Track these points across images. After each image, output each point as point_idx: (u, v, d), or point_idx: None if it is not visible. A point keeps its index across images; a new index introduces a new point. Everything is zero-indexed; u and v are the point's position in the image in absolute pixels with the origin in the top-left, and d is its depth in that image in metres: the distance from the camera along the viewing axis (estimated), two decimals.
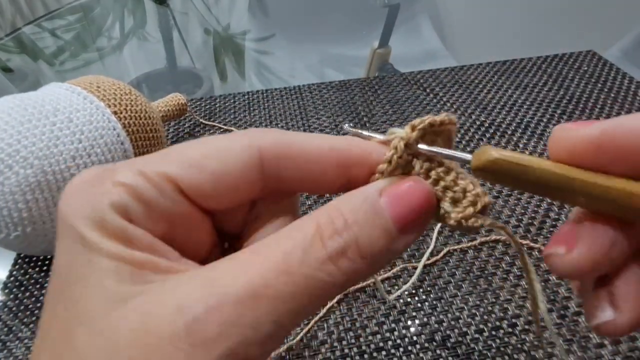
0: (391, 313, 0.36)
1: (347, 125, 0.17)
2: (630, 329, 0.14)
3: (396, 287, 0.37)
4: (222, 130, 0.57)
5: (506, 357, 0.32)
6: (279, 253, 0.13)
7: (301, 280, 0.12)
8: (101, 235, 0.13)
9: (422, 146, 0.15)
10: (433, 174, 0.15)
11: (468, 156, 0.15)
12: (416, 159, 0.16)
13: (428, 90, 0.62)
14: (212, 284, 0.12)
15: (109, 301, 0.12)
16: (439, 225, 0.41)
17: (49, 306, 0.14)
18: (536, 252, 0.39)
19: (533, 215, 0.43)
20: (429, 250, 0.39)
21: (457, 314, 0.35)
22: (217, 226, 0.17)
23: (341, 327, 0.35)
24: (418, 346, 0.34)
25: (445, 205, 0.15)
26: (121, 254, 0.13)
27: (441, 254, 0.39)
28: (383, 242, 0.13)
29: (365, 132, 0.17)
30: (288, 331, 0.13)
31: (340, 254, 0.13)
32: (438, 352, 0.33)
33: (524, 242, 0.40)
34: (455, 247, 0.40)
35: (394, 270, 0.38)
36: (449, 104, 0.59)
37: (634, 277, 0.14)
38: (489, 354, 0.33)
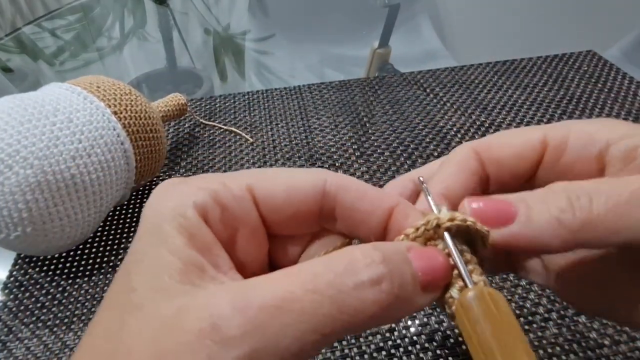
0: None
1: (421, 179, 0.19)
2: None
3: None
4: (222, 130, 0.57)
5: None
6: (310, 273, 0.13)
7: (327, 300, 0.13)
8: (176, 229, 0.15)
9: (447, 238, 0.16)
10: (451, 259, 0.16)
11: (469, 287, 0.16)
12: (440, 240, 0.17)
13: (428, 90, 0.62)
14: (243, 290, 0.13)
15: (158, 296, 0.14)
16: None
17: (117, 288, 0.15)
18: None
19: None
20: None
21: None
22: (272, 257, 0.18)
23: None
24: (418, 346, 0.34)
25: (454, 291, 0.16)
26: (181, 251, 0.14)
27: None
28: (412, 287, 0.14)
29: (429, 199, 0.18)
30: (308, 354, 0.13)
31: (377, 282, 0.13)
32: (438, 352, 0.33)
33: None
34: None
35: None
36: (449, 104, 0.59)
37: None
38: None
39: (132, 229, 0.45)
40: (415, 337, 0.34)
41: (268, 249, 0.18)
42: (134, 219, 0.46)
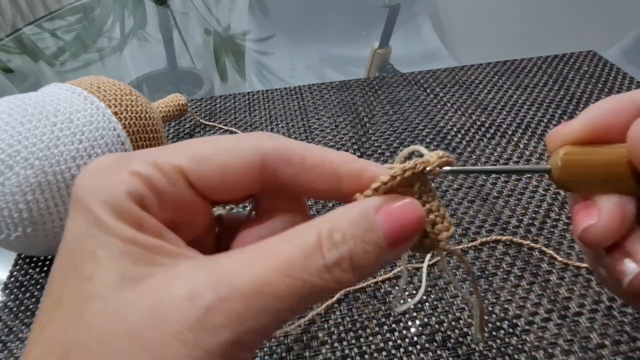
0: (391, 313, 0.36)
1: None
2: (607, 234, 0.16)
3: (397, 288, 0.37)
4: (222, 130, 0.57)
5: (507, 358, 0.32)
6: (284, 256, 0.14)
7: (300, 283, 0.14)
8: (117, 219, 0.14)
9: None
10: (424, 197, 0.17)
11: (546, 166, 0.17)
12: (417, 182, 0.17)
13: (428, 91, 0.62)
14: (222, 275, 0.14)
15: (122, 280, 0.14)
16: None
17: (56, 281, 0.15)
18: (536, 253, 0.39)
19: (534, 215, 0.43)
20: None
21: (458, 314, 0.35)
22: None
23: (342, 328, 0.35)
24: (418, 347, 0.34)
25: (427, 227, 0.17)
26: (135, 238, 0.14)
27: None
28: (373, 256, 0.15)
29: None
30: (280, 326, 0.15)
31: (335, 265, 0.15)
32: (439, 352, 0.33)
33: (525, 242, 0.40)
34: (455, 247, 0.40)
35: (395, 271, 0.38)
36: (449, 104, 0.59)
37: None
38: (489, 354, 0.33)
39: None
40: (415, 338, 0.34)
41: (210, 208, 0.18)
42: None
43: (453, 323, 0.35)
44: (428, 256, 0.38)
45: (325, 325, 0.35)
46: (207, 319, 0.13)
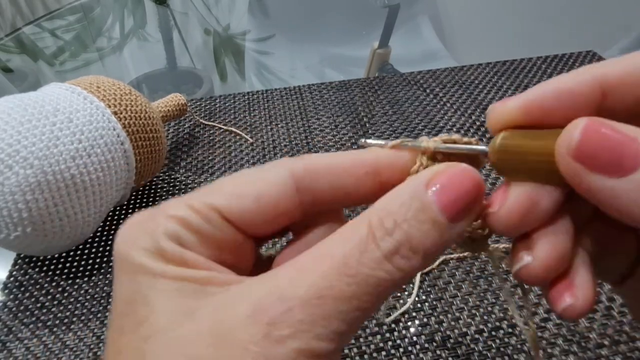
0: (391, 313, 0.36)
1: (364, 140, 0.18)
2: (544, 273, 0.15)
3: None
4: (222, 130, 0.57)
5: (506, 358, 0.32)
6: (338, 255, 0.14)
7: (362, 280, 0.13)
8: (161, 262, 0.14)
9: (445, 145, 0.17)
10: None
11: (483, 147, 0.16)
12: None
13: (428, 91, 0.62)
14: (280, 287, 0.14)
15: (178, 314, 0.14)
16: None
17: (113, 336, 0.14)
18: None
19: None
20: None
21: (457, 314, 0.35)
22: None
23: None
24: (418, 347, 0.34)
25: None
26: (183, 274, 0.14)
27: (437, 263, 0.39)
28: (434, 234, 0.14)
29: (382, 142, 0.18)
30: (357, 327, 0.14)
31: (394, 252, 0.14)
32: (438, 352, 0.33)
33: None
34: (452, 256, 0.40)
35: None
36: (449, 104, 0.59)
37: (552, 231, 0.16)
38: (488, 354, 0.33)
39: None
40: (415, 338, 0.34)
41: (255, 244, 0.18)
42: None
43: (452, 323, 0.35)
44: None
45: None
46: (272, 333, 0.13)
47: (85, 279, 0.41)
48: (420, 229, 0.14)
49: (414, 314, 0.36)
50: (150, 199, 0.48)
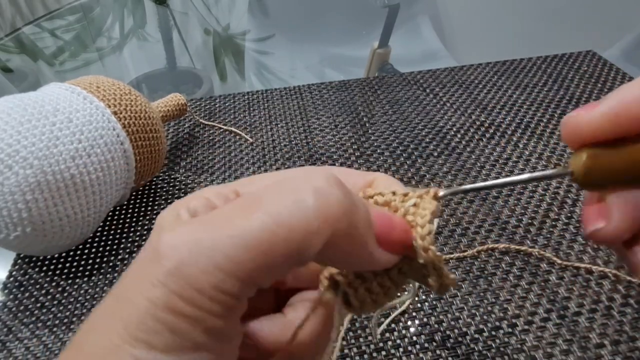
0: (391, 313, 0.36)
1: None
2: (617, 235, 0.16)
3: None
4: (222, 130, 0.57)
5: (506, 357, 0.32)
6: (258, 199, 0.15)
7: (264, 218, 0.14)
8: (175, 224, 0.16)
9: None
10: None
11: (568, 170, 0.16)
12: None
13: (428, 90, 0.62)
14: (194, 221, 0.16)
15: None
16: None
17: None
18: (535, 252, 0.39)
19: (533, 215, 0.43)
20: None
21: (457, 314, 0.35)
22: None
23: (341, 328, 0.35)
24: (418, 346, 0.34)
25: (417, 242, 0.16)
26: None
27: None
28: (364, 228, 0.15)
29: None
30: (246, 278, 0.14)
31: (326, 193, 0.14)
32: (438, 352, 0.33)
33: (522, 247, 0.40)
34: (452, 255, 0.40)
35: None
36: (448, 104, 0.59)
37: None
38: (488, 354, 0.33)
39: (132, 229, 0.45)
40: (414, 337, 0.34)
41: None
42: (134, 219, 0.46)
43: (452, 323, 0.35)
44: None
45: None
46: (157, 254, 0.14)
47: (85, 279, 0.41)
48: (358, 206, 0.15)
49: (414, 313, 0.36)
50: (150, 199, 0.48)
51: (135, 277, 0.14)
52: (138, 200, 0.48)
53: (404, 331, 0.35)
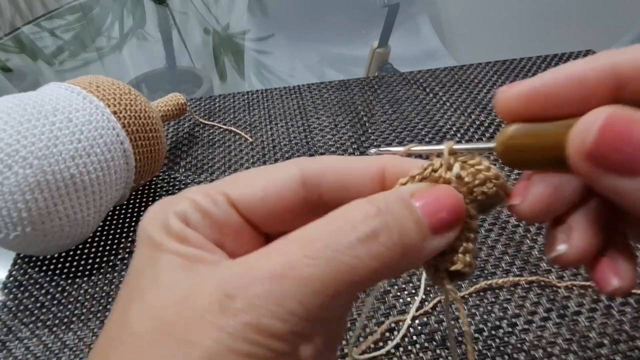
0: (391, 313, 0.36)
1: (374, 150, 0.18)
2: (578, 260, 0.16)
3: (356, 324, 0.37)
4: (221, 130, 0.57)
5: (506, 357, 0.32)
6: (306, 237, 0.14)
7: (324, 262, 0.13)
8: (166, 236, 0.15)
9: (457, 146, 0.17)
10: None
11: (491, 145, 0.16)
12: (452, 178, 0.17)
13: (428, 90, 0.62)
14: (247, 265, 0.14)
15: (162, 285, 0.15)
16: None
17: (118, 300, 0.16)
18: (535, 252, 0.39)
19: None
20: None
21: (457, 313, 0.35)
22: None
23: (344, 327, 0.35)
24: (418, 346, 0.34)
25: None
26: (177, 249, 0.15)
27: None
28: (416, 234, 0.14)
29: (396, 149, 0.18)
30: (319, 315, 0.13)
31: (372, 237, 0.14)
32: (438, 351, 0.33)
33: (525, 241, 0.40)
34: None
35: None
36: (448, 104, 0.59)
37: (583, 216, 0.16)
38: (488, 353, 0.33)
39: (132, 229, 0.45)
40: (415, 337, 0.34)
41: (264, 240, 0.18)
42: (134, 219, 0.46)
43: (452, 322, 0.35)
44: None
45: None
46: (227, 305, 0.13)
47: (85, 278, 0.41)
48: (403, 222, 0.14)
49: (414, 313, 0.36)
50: (150, 199, 0.48)
51: (201, 325, 0.13)
52: (138, 200, 0.48)
53: (404, 331, 0.34)
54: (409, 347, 0.33)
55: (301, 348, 0.14)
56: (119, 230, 0.45)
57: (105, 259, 0.42)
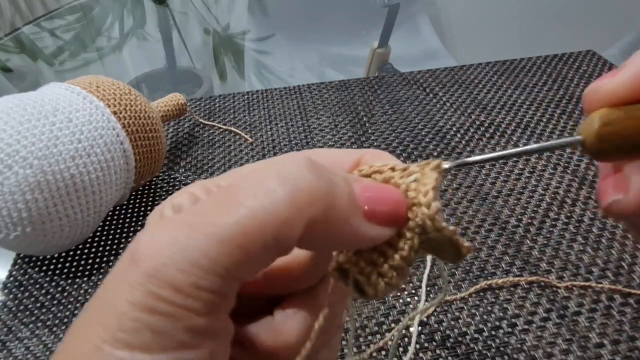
0: (391, 313, 0.36)
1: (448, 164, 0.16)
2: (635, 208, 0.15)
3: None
4: (221, 130, 0.57)
5: (506, 357, 0.32)
6: (225, 187, 0.15)
7: (233, 210, 0.14)
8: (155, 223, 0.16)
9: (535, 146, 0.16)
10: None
11: (578, 137, 0.15)
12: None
13: (428, 90, 0.62)
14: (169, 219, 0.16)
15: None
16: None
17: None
18: (535, 252, 0.39)
19: (533, 215, 0.43)
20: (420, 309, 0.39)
21: (457, 314, 0.35)
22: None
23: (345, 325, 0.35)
24: (418, 346, 0.34)
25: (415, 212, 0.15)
26: None
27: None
28: (346, 202, 0.14)
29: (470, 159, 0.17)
30: (226, 272, 0.13)
31: (294, 183, 0.14)
32: (438, 352, 0.33)
33: (525, 241, 0.40)
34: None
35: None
36: (448, 104, 0.59)
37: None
38: (488, 353, 0.33)
39: (132, 229, 0.45)
40: (415, 337, 0.34)
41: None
42: (134, 219, 0.46)
43: (452, 322, 0.35)
44: (416, 318, 0.38)
45: None
46: (135, 255, 0.14)
47: (85, 278, 0.41)
48: (335, 188, 0.14)
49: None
50: (150, 199, 0.48)
51: (115, 281, 0.14)
52: (138, 200, 0.48)
53: (404, 331, 0.35)
54: (409, 347, 0.33)
55: (221, 317, 0.13)
56: (119, 230, 0.45)
57: (105, 259, 0.42)
